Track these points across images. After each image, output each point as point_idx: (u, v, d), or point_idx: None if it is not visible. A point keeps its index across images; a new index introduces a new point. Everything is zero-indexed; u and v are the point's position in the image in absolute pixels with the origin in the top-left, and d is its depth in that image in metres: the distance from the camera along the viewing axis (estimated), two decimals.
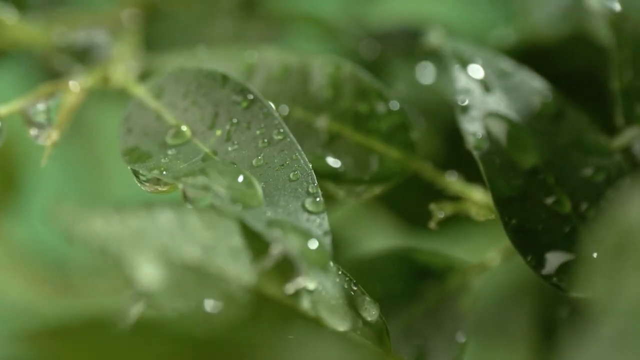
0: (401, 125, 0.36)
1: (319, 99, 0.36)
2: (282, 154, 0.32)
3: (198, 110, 0.34)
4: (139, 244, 0.29)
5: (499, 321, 0.49)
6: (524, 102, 0.36)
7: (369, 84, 0.36)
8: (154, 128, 0.34)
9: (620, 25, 0.35)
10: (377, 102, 0.36)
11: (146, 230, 0.29)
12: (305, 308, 0.30)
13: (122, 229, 0.29)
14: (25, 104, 0.35)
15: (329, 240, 0.30)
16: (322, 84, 0.36)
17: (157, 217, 0.29)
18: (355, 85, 0.36)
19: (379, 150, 0.35)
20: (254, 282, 0.29)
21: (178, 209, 0.30)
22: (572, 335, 0.25)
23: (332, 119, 0.36)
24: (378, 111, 0.36)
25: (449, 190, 0.36)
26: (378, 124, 0.36)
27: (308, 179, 0.31)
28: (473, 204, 0.36)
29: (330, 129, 0.36)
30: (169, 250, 0.29)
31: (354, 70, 0.36)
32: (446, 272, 0.36)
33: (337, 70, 0.36)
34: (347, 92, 0.36)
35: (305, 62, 0.36)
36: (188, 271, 0.29)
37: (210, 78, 0.34)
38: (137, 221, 0.29)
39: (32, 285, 0.52)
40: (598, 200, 0.34)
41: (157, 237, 0.29)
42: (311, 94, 0.36)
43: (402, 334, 0.35)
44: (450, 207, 0.36)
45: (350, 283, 0.31)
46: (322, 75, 0.36)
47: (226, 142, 0.33)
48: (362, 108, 0.36)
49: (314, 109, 0.34)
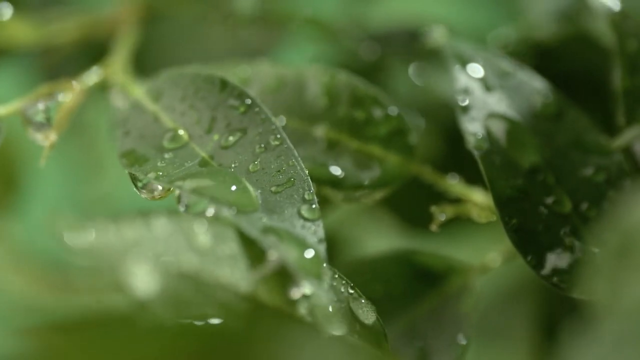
0: (399, 129, 0.36)
1: (316, 108, 0.36)
2: (279, 159, 0.32)
3: (195, 114, 0.34)
4: (135, 254, 0.29)
5: (500, 321, 0.49)
6: (524, 102, 0.36)
7: (364, 90, 0.36)
8: (151, 131, 0.34)
9: (621, 24, 0.35)
10: (374, 108, 0.36)
11: (142, 240, 0.29)
12: (302, 314, 0.30)
13: (118, 239, 0.29)
14: (24, 104, 0.35)
15: (324, 248, 0.30)
16: (318, 93, 0.36)
17: (153, 225, 0.29)
18: (351, 93, 0.36)
19: (378, 155, 0.35)
20: (251, 289, 0.29)
21: (174, 216, 0.30)
22: (573, 336, 0.25)
23: (329, 127, 0.36)
24: (375, 117, 0.36)
25: (450, 192, 0.36)
26: (376, 129, 0.36)
27: (304, 185, 0.31)
28: (474, 205, 0.36)
29: (329, 137, 0.35)
30: (165, 258, 0.29)
31: (348, 78, 0.36)
32: (447, 273, 0.36)
33: (332, 79, 0.36)
34: (343, 99, 0.36)
35: (299, 73, 0.36)
36: (185, 280, 0.29)
37: (209, 82, 0.34)
38: (133, 231, 0.29)
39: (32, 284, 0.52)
40: (598, 200, 0.34)
41: (153, 246, 0.29)
42: (307, 104, 0.35)
43: (403, 336, 0.35)
44: (452, 210, 0.36)
45: (347, 286, 0.31)
46: (317, 85, 0.36)
47: (223, 146, 0.32)
48: (359, 115, 0.36)
49: (311, 118, 0.34)
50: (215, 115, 0.33)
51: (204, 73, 0.34)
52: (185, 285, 0.29)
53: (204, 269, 0.29)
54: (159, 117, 0.34)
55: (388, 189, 0.36)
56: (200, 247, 0.29)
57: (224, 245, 0.30)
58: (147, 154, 0.33)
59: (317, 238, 0.30)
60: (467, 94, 0.36)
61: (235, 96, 0.33)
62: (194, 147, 0.33)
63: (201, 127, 0.33)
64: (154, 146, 0.33)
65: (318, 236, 0.30)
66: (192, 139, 0.33)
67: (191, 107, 0.34)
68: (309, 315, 0.30)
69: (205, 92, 0.34)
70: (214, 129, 0.33)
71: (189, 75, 0.34)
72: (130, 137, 0.34)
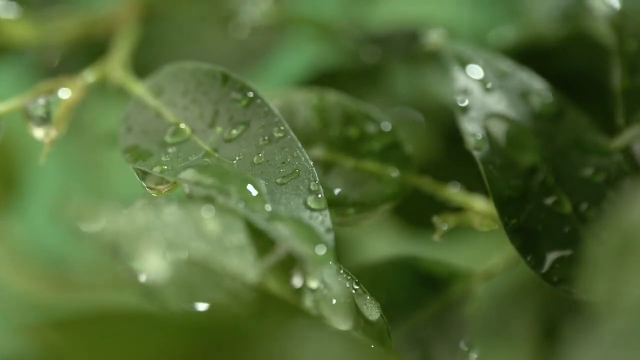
0: (393, 143, 0.36)
1: (308, 132, 0.36)
2: (283, 151, 0.32)
3: (198, 108, 0.34)
4: (145, 240, 0.29)
5: (501, 321, 0.49)
6: (524, 102, 0.36)
7: (355, 108, 0.36)
8: (153, 126, 0.34)
9: (621, 24, 0.35)
10: (367, 124, 0.36)
11: (152, 226, 0.29)
12: (308, 306, 0.30)
13: (129, 225, 0.29)
14: (24, 101, 0.35)
15: (332, 237, 0.30)
16: (308, 116, 0.36)
17: (163, 212, 0.29)
18: (342, 112, 0.36)
19: (375, 171, 0.35)
20: (258, 279, 0.29)
21: (184, 204, 0.30)
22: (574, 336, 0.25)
23: (324, 149, 0.35)
24: (369, 133, 0.36)
25: (452, 200, 0.36)
26: (370, 145, 0.36)
27: (309, 176, 0.31)
28: (476, 214, 0.35)
29: (324, 159, 0.35)
30: (174, 245, 0.29)
31: (338, 97, 0.36)
32: (449, 279, 0.36)
33: (321, 100, 0.36)
34: (335, 119, 0.36)
35: (288, 100, 0.36)
36: (193, 267, 0.29)
37: (210, 76, 0.34)
38: (144, 216, 0.29)
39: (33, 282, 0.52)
40: (598, 201, 0.34)
41: (163, 233, 0.29)
42: (299, 130, 0.35)
43: (405, 341, 0.35)
44: (453, 219, 0.35)
45: (352, 282, 0.31)
46: (307, 108, 0.36)
47: (227, 139, 0.32)
48: (353, 132, 0.36)
49: (304, 142, 0.34)
50: (218, 108, 0.33)
51: (204, 67, 0.34)
52: (194, 272, 0.29)
53: (213, 258, 0.29)
54: (161, 112, 0.34)
55: (390, 204, 0.35)
56: (209, 236, 0.29)
57: (232, 236, 0.30)
58: (151, 149, 0.33)
59: (325, 228, 0.30)
60: (466, 95, 0.36)
61: (237, 89, 0.33)
62: (197, 140, 0.33)
63: (204, 121, 0.33)
64: (157, 141, 0.33)
65: (325, 226, 0.30)
66: (194, 133, 0.33)
67: (193, 101, 0.34)
68: (314, 308, 0.30)
69: (207, 86, 0.34)
70: (217, 122, 0.33)
71: (190, 69, 0.34)
72: (132, 133, 0.34)
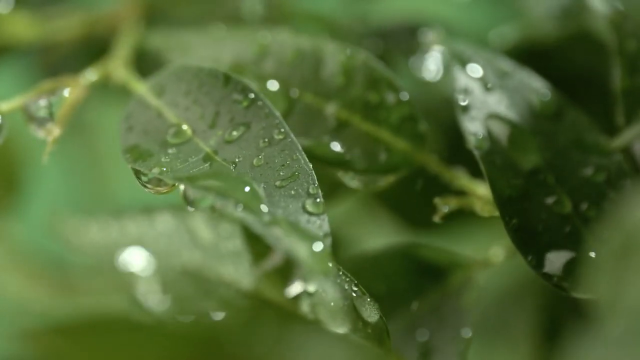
0: (410, 116, 0.36)
1: (330, 86, 0.36)
2: (283, 153, 0.32)
3: (199, 109, 0.34)
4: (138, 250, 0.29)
5: (501, 319, 0.49)
6: (524, 102, 0.36)
7: (380, 73, 0.36)
8: (154, 126, 0.34)
9: (621, 24, 0.35)
10: (388, 92, 0.36)
11: (145, 236, 0.29)
12: (305, 311, 0.30)
13: (121, 236, 0.29)
14: (26, 100, 0.35)
15: (329, 242, 0.30)
16: (334, 70, 0.36)
17: (156, 222, 0.29)
18: (367, 74, 0.36)
19: (386, 140, 0.35)
20: (253, 286, 0.29)
21: (177, 213, 0.30)
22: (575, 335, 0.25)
23: (341, 106, 0.35)
24: (388, 101, 0.36)
25: (454, 185, 0.36)
26: (387, 114, 0.35)
27: (308, 179, 0.31)
28: (478, 199, 0.36)
29: (339, 116, 0.35)
30: (168, 255, 0.29)
31: (366, 59, 0.36)
32: (450, 268, 0.36)
33: (350, 58, 0.36)
34: (359, 80, 0.36)
35: (318, 48, 0.36)
36: (187, 276, 0.29)
37: (212, 76, 0.34)
38: (136, 227, 0.29)
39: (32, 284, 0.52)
40: (598, 200, 0.34)
41: (156, 243, 0.29)
42: (322, 80, 0.35)
43: (406, 331, 0.35)
44: (455, 202, 0.35)
45: (351, 284, 0.31)
46: (335, 62, 0.36)
47: (227, 141, 0.32)
48: (373, 97, 0.36)
49: (324, 95, 0.34)
50: (219, 109, 0.33)
51: (207, 67, 0.34)
52: (188, 282, 0.29)
53: (207, 266, 0.29)
54: (163, 112, 0.34)
55: (393, 176, 0.35)
56: (204, 244, 0.29)
57: (227, 242, 0.30)
58: (151, 149, 0.33)
59: (323, 232, 0.30)
60: (466, 94, 0.36)
61: (238, 90, 0.33)
62: (198, 142, 0.33)
63: (205, 122, 0.33)
64: (158, 141, 0.33)
65: (323, 230, 0.30)
66: (195, 133, 0.33)
67: (195, 102, 0.34)
68: (311, 313, 0.30)
69: (209, 87, 0.34)
70: (218, 123, 0.33)
71: (193, 69, 0.34)
72: (133, 133, 0.34)
